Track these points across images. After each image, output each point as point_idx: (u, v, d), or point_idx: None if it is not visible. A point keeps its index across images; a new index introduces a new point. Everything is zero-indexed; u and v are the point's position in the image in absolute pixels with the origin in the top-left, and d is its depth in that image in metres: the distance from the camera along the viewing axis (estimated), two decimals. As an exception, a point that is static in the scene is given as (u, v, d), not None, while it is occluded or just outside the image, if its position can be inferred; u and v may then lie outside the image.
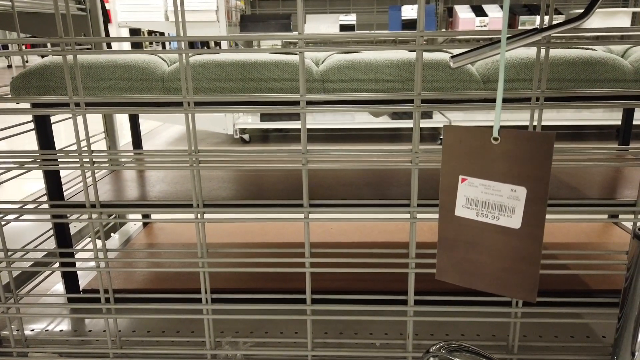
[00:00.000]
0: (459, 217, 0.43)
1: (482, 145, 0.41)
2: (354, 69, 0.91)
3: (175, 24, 0.72)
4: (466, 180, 0.42)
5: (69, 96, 0.75)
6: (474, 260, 0.43)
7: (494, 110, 0.75)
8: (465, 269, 0.44)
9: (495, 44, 0.45)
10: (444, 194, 0.44)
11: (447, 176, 0.43)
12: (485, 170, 0.41)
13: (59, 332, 0.97)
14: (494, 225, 0.42)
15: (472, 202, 0.43)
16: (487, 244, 0.42)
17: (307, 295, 0.84)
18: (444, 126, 0.42)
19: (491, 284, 0.44)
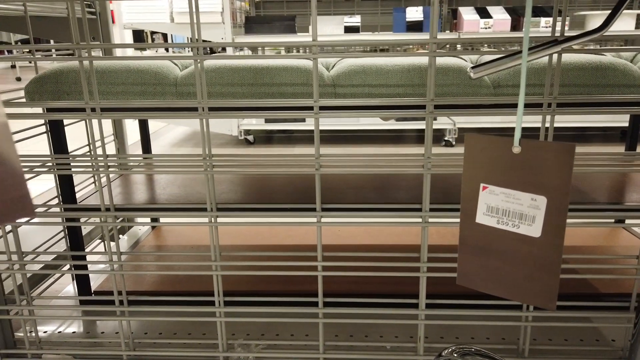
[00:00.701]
0: (480, 224, 0.44)
1: (503, 154, 0.41)
2: (365, 73, 0.92)
3: (191, 30, 0.73)
4: (487, 188, 0.43)
5: (85, 101, 0.76)
6: (494, 267, 0.44)
7: (505, 115, 0.76)
8: (486, 276, 0.45)
9: (516, 55, 0.45)
10: (465, 201, 0.45)
11: (468, 183, 0.44)
12: (506, 179, 0.42)
13: (72, 333, 0.98)
14: (514, 233, 0.43)
15: (493, 209, 0.43)
16: (508, 251, 0.43)
17: (319, 298, 0.85)
18: (466, 135, 0.43)
19: (511, 291, 0.44)
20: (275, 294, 1.08)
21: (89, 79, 0.80)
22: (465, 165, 0.44)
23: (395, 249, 1.23)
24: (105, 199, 0.96)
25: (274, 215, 0.90)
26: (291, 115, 0.81)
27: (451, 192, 1.01)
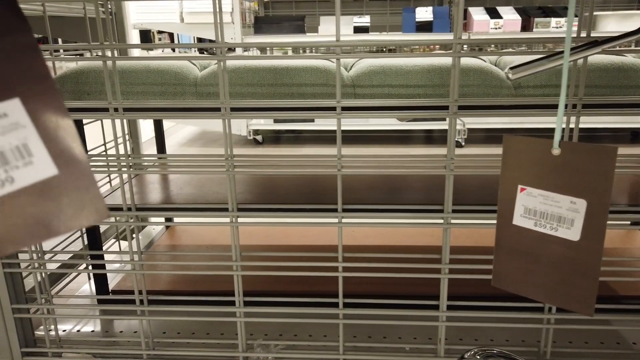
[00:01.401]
0: (517, 226, 0.44)
1: (542, 156, 0.41)
2: (385, 74, 0.92)
3: (215, 31, 0.73)
4: (525, 190, 0.42)
5: (109, 101, 0.76)
6: (531, 270, 0.44)
7: (527, 116, 0.76)
8: (522, 278, 0.45)
9: (557, 55, 0.45)
10: (502, 202, 0.44)
11: (505, 185, 0.44)
12: (545, 181, 0.41)
13: (90, 332, 0.98)
14: (552, 236, 0.42)
15: (531, 212, 0.43)
16: (545, 254, 0.43)
17: (339, 299, 0.85)
18: (505, 136, 0.43)
19: (547, 295, 0.44)
20: (292, 294, 1.08)
21: (112, 79, 0.81)
22: (503, 167, 0.44)
23: (411, 250, 1.23)
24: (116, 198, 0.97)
25: (293, 215, 0.90)
26: (313, 116, 0.81)
27: (470, 192, 1.00)
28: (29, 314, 0.89)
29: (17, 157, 0.28)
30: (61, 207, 0.29)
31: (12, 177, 0.28)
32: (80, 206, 0.29)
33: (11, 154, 0.28)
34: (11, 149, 0.28)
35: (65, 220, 0.28)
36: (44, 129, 0.29)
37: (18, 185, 0.28)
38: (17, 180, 0.28)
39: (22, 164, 0.28)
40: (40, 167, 0.28)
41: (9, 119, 0.28)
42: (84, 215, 0.29)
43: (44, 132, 0.29)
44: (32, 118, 0.29)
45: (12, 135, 0.28)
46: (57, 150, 0.29)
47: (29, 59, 0.29)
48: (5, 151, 0.28)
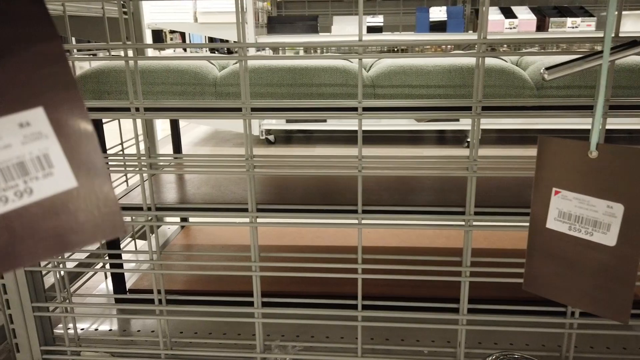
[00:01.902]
0: (551, 230, 0.43)
1: (578, 158, 0.40)
2: (405, 74, 0.91)
3: (237, 32, 0.73)
4: (559, 193, 0.42)
5: (130, 101, 0.76)
6: (563, 275, 0.43)
7: (551, 117, 0.74)
8: (554, 283, 0.44)
9: (594, 55, 0.44)
10: (535, 205, 0.44)
11: (539, 187, 0.43)
12: (580, 184, 0.40)
13: (108, 331, 0.98)
14: (586, 241, 0.41)
15: (565, 215, 0.42)
16: (579, 259, 0.42)
17: (358, 301, 0.84)
18: (539, 137, 0.42)
19: (580, 301, 0.43)
20: (309, 295, 1.07)
21: (133, 79, 0.81)
22: (537, 169, 0.43)
23: (427, 252, 1.22)
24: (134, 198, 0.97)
25: (311, 216, 0.89)
26: (334, 117, 0.80)
27: (490, 194, 0.99)
28: (48, 312, 0.90)
29: (37, 167, 0.28)
30: (79, 221, 0.28)
31: (31, 188, 0.27)
32: (97, 221, 0.28)
33: (31, 164, 0.28)
34: (32, 159, 0.28)
35: (82, 234, 0.28)
36: (66, 140, 0.29)
37: (37, 197, 0.27)
38: (35, 191, 0.27)
39: (42, 175, 0.28)
40: (60, 179, 0.28)
41: (32, 128, 0.28)
42: (101, 230, 0.29)
43: (66, 142, 0.29)
44: (55, 128, 0.28)
45: (33, 145, 0.28)
46: (78, 162, 0.28)
47: (55, 66, 0.29)
48: (26, 161, 0.27)
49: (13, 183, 0.27)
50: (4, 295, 0.87)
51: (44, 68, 0.28)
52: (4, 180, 0.26)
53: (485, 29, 0.71)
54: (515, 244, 1.24)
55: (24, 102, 0.27)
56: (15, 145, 0.27)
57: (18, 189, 0.27)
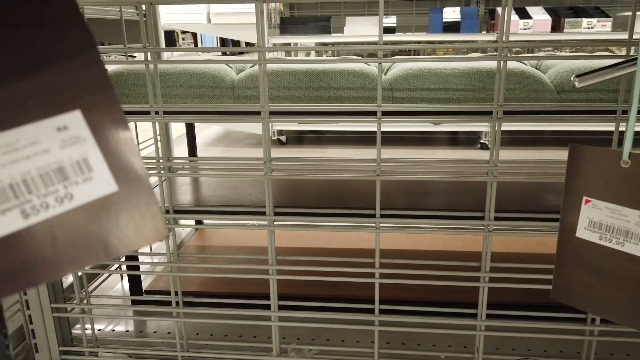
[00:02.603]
0: (580, 239, 0.42)
1: (610, 167, 0.40)
2: (424, 77, 0.90)
3: (257, 36, 0.73)
4: (590, 202, 0.41)
5: (150, 104, 0.77)
6: (593, 285, 0.42)
7: (572, 122, 0.73)
8: (583, 293, 0.43)
9: (627, 62, 0.44)
10: (565, 213, 0.43)
11: (569, 196, 0.42)
12: (612, 194, 0.40)
13: (125, 332, 0.99)
14: (617, 251, 0.41)
15: (596, 225, 0.41)
16: (609, 269, 0.41)
17: (375, 305, 0.84)
18: (570, 145, 0.42)
19: (610, 311, 0.42)
20: (324, 298, 1.07)
21: (153, 83, 0.81)
22: (568, 177, 0.42)
23: (443, 256, 1.21)
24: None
25: (329, 220, 0.89)
26: (352, 121, 0.80)
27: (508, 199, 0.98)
28: (67, 313, 0.90)
29: (77, 172, 0.27)
30: (121, 225, 0.28)
31: (72, 193, 0.27)
32: (139, 225, 0.28)
33: (71, 169, 0.27)
34: (71, 164, 0.27)
35: (124, 239, 0.27)
36: (105, 143, 0.28)
37: (78, 202, 0.27)
38: (76, 196, 0.27)
39: (81, 179, 0.27)
40: (100, 183, 0.27)
41: (69, 132, 0.27)
42: (143, 234, 0.28)
43: (105, 146, 0.28)
44: (93, 131, 0.28)
45: (72, 150, 0.27)
46: (118, 166, 0.28)
47: (91, 70, 0.28)
48: (65, 166, 0.27)
49: (53, 189, 0.26)
50: (24, 296, 0.88)
51: (80, 71, 0.28)
52: (44, 186, 0.26)
53: (508, 32, 0.71)
54: (532, 248, 1.23)
55: (61, 106, 0.27)
56: (54, 149, 0.26)
57: (59, 195, 0.27)
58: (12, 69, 0.26)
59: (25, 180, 0.26)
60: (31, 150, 0.26)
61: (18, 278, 0.25)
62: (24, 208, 0.26)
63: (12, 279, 0.25)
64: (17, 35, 0.26)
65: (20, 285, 0.25)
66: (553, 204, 0.95)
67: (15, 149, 0.25)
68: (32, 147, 0.26)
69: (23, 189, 0.26)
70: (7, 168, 0.25)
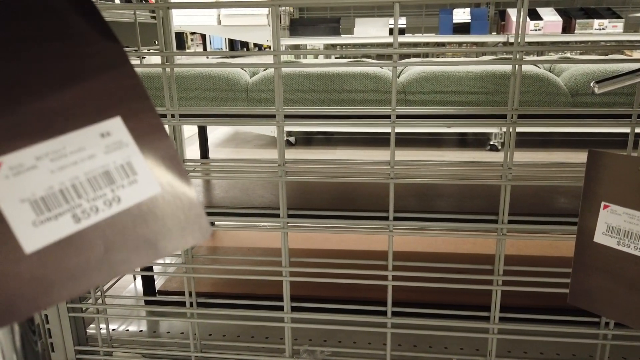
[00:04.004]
0: (598, 244, 0.43)
1: (629, 173, 0.40)
2: (437, 80, 0.90)
3: (272, 41, 0.73)
4: (609, 207, 0.41)
5: (166, 107, 0.78)
6: (610, 290, 0.43)
7: (587, 126, 0.73)
8: (601, 298, 0.43)
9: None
10: (583, 218, 0.43)
11: (588, 201, 0.42)
12: (631, 199, 0.40)
13: (139, 332, 1.00)
14: (636, 257, 0.41)
15: (614, 230, 0.42)
16: (627, 275, 0.41)
17: (388, 307, 0.84)
18: (589, 150, 0.42)
19: (628, 317, 0.43)
20: (335, 299, 1.07)
21: (169, 86, 0.82)
22: (586, 182, 0.42)
23: (454, 258, 1.21)
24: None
25: (342, 223, 0.89)
26: (366, 124, 0.80)
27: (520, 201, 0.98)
28: (82, 312, 0.91)
29: (122, 175, 0.28)
30: (167, 226, 0.29)
31: (119, 196, 0.28)
32: (184, 225, 0.29)
33: (116, 172, 0.28)
34: (116, 168, 0.28)
35: (171, 239, 0.28)
36: (145, 147, 0.29)
37: (125, 204, 0.28)
38: (123, 199, 0.28)
39: (127, 182, 0.28)
40: (144, 186, 0.28)
41: (112, 137, 0.28)
42: (189, 233, 0.29)
43: (146, 150, 0.29)
44: (134, 136, 0.29)
45: (116, 154, 0.28)
46: (159, 168, 0.29)
47: (127, 79, 0.30)
48: (111, 170, 0.28)
49: (101, 192, 0.28)
50: (41, 295, 0.89)
51: (118, 81, 0.29)
52: (93, 190, 0.27)
53: (523, 35, 0.71)
54: (544, 251, 1.22)
55: (102, 113, 0.28)
56: (99, 155, 0.28)
57: (107, 198, 0.28)
58: (57, 79, 0.27)
59: (75, 185, 0.27)
60: (78, 157, 0.27)
61: (76, 280, 0.26)
62: (75, 212, 0.27)
63: (70, 281, 0.25)
64: (61, 48, 0.27)
65: (78, 288, 0.26)
66: (565, 206, 0.95)
67: (62, 156, 0.27)
68: (79, 153, 0.27)
69: (73, 193, 0.27)
70: (57, 174, 0.26)
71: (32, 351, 0.44)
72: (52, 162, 0.26)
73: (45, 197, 0.26)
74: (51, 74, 0.27)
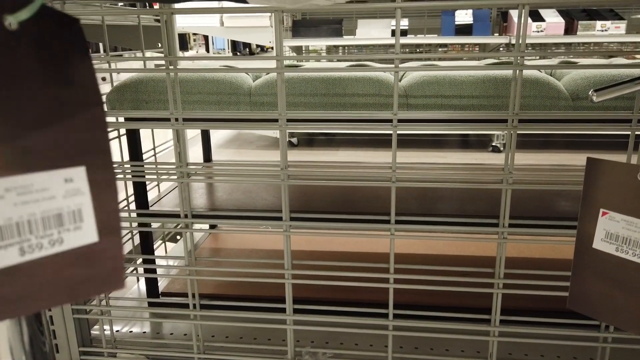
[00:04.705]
0: (597, 250, 0.43)
1: (627, 180, 0.40)
2: (439, 84, 0.91)
3: (275, 47, 0.74)
4: (607, 214, 0.42)
5: (170, 112, 0.78)
6: (609, 295, 0.43)
7: (588, 131, 0.74)
8: (599, 303, 0.44)
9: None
10: (582, 224, 0.44)
11: (587, 207, 0.43)
12: (629, 206, 0.41)
13: (142, 333, 1.01)
14: (634, 263, 0.41)
15: (612, 236, 0.42)
16: (625, 280, 0.42)
17: (389, 310, 0.85)
18: (587, 158, 0.42)
19: (626, 322, 0.43)
20: (337, 301, 1.08)
21: (173, 89, 0.83)
22: (585, 189, 0.43)
23: (455, 260, 1.22)
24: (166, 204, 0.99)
25: (344, 226, 0.90)
26: (368, 129, 0.81)
27: (521, 204, 0.98)
28: (87, 314, 0.92)
29: (71, 220, 0.31)
30: (91, 273, 0.31)
31: (62, 238, 0.31)
32: (105, 275, 0.31)
33: (67, 216, 0.31)
34: (68, 212, 0.31)
35: (90, 286, 0.31)
36: (97, 199, 0.32)
37: (65, 247, 0.31)
38: (65, 242, 0.31)
39: (73, 227, 0.31)
40: (86, 233, 0.31)
41: (73, 184, 0.31)
42: (107, 283, 0.32)
43: (96, 201, 0.32)
44: (91, 187, 0.31)
45: (71, 200, 0.31)
46: (102, 220, 0.32)
47: (98, 132, 0.32)
48: (64, 214, 0.31)
49: (50, 232, 0.30)
50: (46, 297, 0.90)
51: (89, 131, 0.32)
52: (43, 228, 0.29)
53: (524, 42, 0.71)
54: (546, 253, 1.23)
55: (70, 160, 0.30)
56: (58, 197, 0.30)
57: (52, 238, 0.31)
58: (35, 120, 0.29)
59: (30, 221, 0.29)
60: (40, 195, 0.29)
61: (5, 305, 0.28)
62: (23, 246, 0.29)
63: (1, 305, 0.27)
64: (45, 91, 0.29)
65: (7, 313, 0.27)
66: (567, 209, 0.95)
67: (28, 192, 0.29)
68: (42, 192, 0.29)
69: (26, 228, 0.29)
70: (19, 208, 0.28)
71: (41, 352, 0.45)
72: (17, 196, 0.28)
73: (2, 227, 0.28)
74: (30, 113, 0.28)
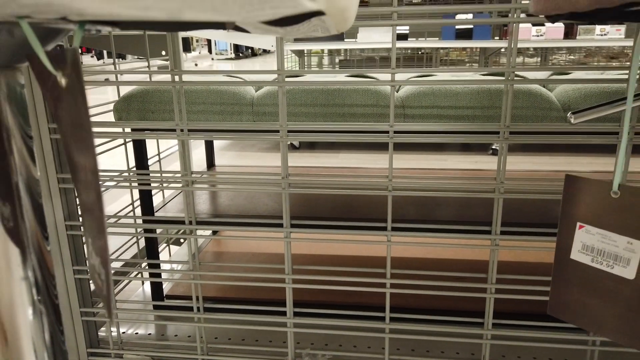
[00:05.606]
0: (574, 261, 0.46)
1: (602, 196, 0.43)
2: (435, 95, 0.94)
3: (277, 60, 0.77)
4: (584, 228, 0.45)
5: (176, 123, 0.82)
6: (586, 303, 0.46)
7: (579, 142, 0.77)
8: (577, 310, 0.47)
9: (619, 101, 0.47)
10: (561, 237, 0.47)
11: (565, 221, 0.46)
12: (603, 221, 0.44)
13: (147, 335, 1.04)
14: (607, 273, 0.44)
15: (588, 248, 0.45)
16: (600, 289, 0.45)
17: (386, 313, 0.88)
18: (566, 175, 0.45)
19: (600, 328, 0.46)
20: (336, 304, 1.11)
21: (178, 101, 0.86)
22: (563, 204, 0.46)
23: (449, 264, 1.25)
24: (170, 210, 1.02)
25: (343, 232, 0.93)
26: (366, 139, 0.84)
27: (513, 211, 1.01)
28: (94, 316, 0.96)
29: None
30: None
31: None
32: None
33: None
34: None
35: None
36: None
37: None
38: None
39: None
40: None
41: None
42: None
43: None
44: None
45: None
46: None
47: None
48: None
49: None
50: (55, 300, 0.93)
51: None
52: None
53: (514, 57, 0.74)
54: (540, 257, 1.26)
55: None
56: None
57: None
58: None
59: None
60: None
61: None
62: None
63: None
64: None
65: None
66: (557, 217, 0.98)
67: None
68: None
69: None
70: None
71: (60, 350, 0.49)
72: None
73: None
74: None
